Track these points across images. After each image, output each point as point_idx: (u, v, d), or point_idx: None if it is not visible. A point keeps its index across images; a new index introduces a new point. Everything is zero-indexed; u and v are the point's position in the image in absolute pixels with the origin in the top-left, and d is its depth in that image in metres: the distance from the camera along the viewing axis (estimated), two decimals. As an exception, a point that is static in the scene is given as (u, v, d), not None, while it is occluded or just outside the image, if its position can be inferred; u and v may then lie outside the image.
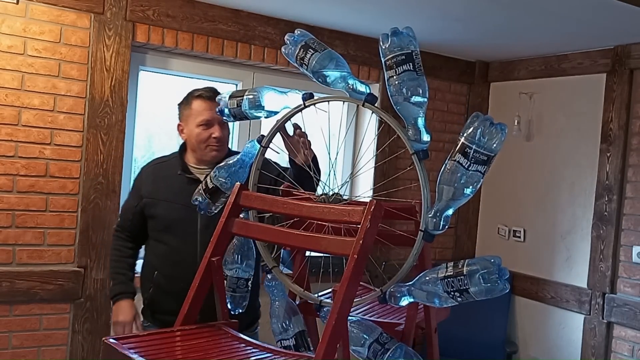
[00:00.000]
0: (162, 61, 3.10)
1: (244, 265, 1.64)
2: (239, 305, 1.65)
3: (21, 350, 2.70)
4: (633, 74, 3.23)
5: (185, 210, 2.09)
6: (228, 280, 1.62)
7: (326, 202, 1.47)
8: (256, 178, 1.63)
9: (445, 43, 3.57)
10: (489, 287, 1.22)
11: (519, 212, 3.80)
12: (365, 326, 1.38)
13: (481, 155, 1.25)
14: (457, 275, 1.25)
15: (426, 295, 1.30)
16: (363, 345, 1.36)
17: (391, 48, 1.33)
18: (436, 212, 1.31)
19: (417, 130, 1.35)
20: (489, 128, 1.25)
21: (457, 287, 1.24)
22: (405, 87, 1.32)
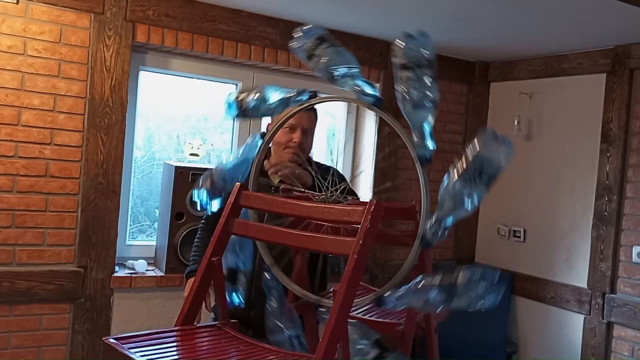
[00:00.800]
0: (162, 61, 3.10)
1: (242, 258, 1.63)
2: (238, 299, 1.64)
3: (21, 350, 2.70)
4: (633, 74, 3.23)
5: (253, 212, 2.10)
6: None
7: (326, 202, 1.47)
8: (257, 173, 1.63)
9: (445, 43, 3.57)
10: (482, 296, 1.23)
11: (519, 212, 3.80)
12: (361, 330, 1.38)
13: (489, 172, 1.25)
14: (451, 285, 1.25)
15: (419, 302, 1.30)
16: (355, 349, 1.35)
17: (411, 50, 1.32)
18: (436, 221, 1.31)
19: (422, 135, 1.34)
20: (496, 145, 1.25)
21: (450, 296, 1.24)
22: (417, 92, 1.31)
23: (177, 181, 2.91)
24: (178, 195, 2.92)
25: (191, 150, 3.30)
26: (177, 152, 3.40)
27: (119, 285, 2.88)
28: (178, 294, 2.95)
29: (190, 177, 2.93)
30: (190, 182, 2.93)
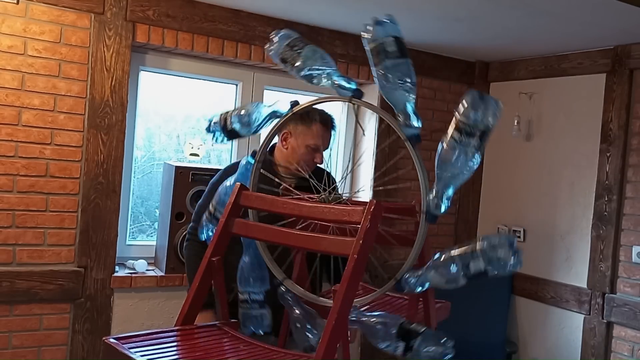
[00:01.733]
0: (162, 61, 3.10)
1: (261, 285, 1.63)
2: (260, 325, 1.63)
3: (21, 350, 2.70)
4: (633, 74, 3.23)
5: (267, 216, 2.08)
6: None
7: (326, 202, 1.47)
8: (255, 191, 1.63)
9: (445, 43, 3.57)
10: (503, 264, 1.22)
11: (519, 212, 3.80)
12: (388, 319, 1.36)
13: (476, 130, 1.25)
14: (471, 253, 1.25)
15: (441, 277, 1.29)
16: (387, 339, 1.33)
17: (375, 35, 1.34)
18: (437, 192, 1.31)
19: (407, 115, 1.35)
20: (482, 102, 1.26)
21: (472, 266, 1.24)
22: (391, 74, 1.32)
23: (177, 181, 2.91)
24: (178, 195, 2.92)
25: (191, 150, 3.30)
26: (177, 152, 3.40)
27: (119, 285, 2.88)
28: (178, 294, 2.96)
29: (190, 177, 2.93)
30: (190, 182, 2.93)
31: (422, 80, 3.72)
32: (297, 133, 2.32)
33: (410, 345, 1.29)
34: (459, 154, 1.26)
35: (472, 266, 1.25)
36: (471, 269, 1.25)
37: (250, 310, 1.60)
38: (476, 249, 1.25)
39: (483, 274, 1.25)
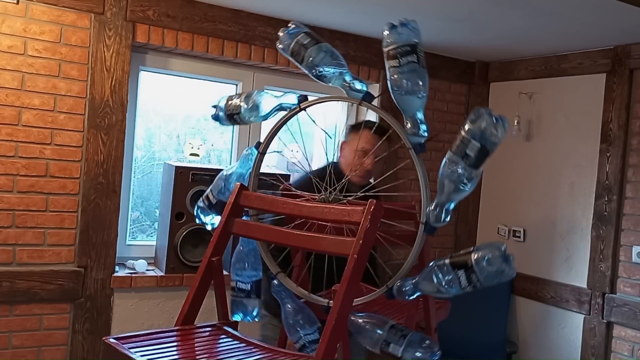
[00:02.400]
0: (162, 61, 3.10)
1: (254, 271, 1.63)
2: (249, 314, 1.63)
3: (21, 350, 2.70)
4: (633, 74, 3.23)
5: None
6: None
7: (326, 202, 1.47)
8: (255, 184, 1.63)
9: (445, 43, 3.57)
10: (497, 273, 1.22)
11: (519, 212, 3.80)
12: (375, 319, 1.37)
13: (483, 149, 1.25)
14: (464, 263, 1.25)
15: (433, 286, 1.29)
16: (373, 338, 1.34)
17: (396, 38, 1.32)
18: (437, 205, 1.31)
19: (415, 123, 1.35)
20: (491, 122, 1.25)
21: (466, 276, 1.24)
22: (407, 80, 1.31)
23: (177, 181, 2.91)
24: (178, 195, 2.92)
25: (191, 150, 3.30)
26: (177, 152, 3.40)
27: (119, 285, 2.88)
28: (178, 294, 2.96)
29: (190, 177, 2.93)
30: (190, 182, 2.93)
31: (422, 80, 3.72)
32: (348, 141, 2.44)
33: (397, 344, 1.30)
34: (462, 171, 1.26)
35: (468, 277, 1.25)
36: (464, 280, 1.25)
37: (239, 298, 1.60)
38: (471, 259, 1.25)
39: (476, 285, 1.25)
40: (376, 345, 1.34)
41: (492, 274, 1.23)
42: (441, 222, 1.32)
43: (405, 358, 1.29)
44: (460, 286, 1.25)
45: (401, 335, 1.32)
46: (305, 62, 1.45)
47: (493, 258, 1.22)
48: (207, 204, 1.67)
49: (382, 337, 1.32)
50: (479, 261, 1.23)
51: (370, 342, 1.35)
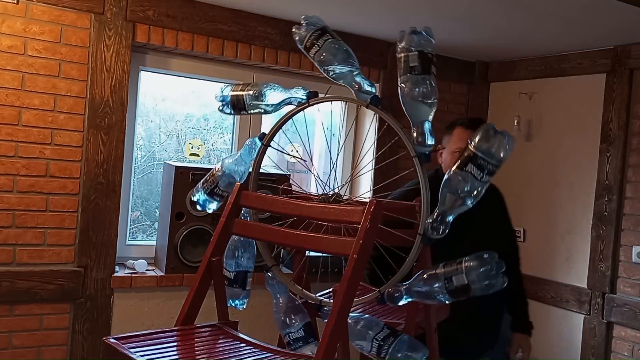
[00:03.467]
0: (162, 61, 3.10)
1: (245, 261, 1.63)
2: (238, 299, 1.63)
3: (21, 350, 2.70)
4: (633, 74, 3.23)
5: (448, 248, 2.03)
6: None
7: (326, 202, 1.47)
8: (255, 184, 1.63)
9: (444, 43, 3.57)
10: (488, 284, 1.23)
11: (519, 212, 3.79)
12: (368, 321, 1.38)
13: (493, 166, 1.26)
14: (456, 273, 1.25)
15: (424, 294, 1.30)
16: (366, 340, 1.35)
17: (406, 46, 1.32)
18: (437, 216, 1.31)
19: (422, 133, 1.34)
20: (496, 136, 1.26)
21: (456, 285, 1.24)
22: (417, 88, 1.31)
23: (177, 181, 2.91)
24: (178, 195, 2.92)
25: (191, 150, 3.30)
26: (177, 152, 3.40)
27: (119, 285, 2.88)
28: (178, 294, 2.96)
29: (191, 177, 2.93)
30: (190, 182, 2.93)
31: (422, 80, 3.72)
32: (445, 144, 2.36)
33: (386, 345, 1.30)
34: (465, 186, 1.27)
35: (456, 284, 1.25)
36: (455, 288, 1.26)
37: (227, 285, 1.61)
38: (462, 268, 1.25)
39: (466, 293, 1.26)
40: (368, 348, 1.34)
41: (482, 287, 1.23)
42: (439, 234, 1.32)
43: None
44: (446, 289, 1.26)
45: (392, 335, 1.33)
46: (317, 57, 1.44)
47: (484, 272, 1.23)
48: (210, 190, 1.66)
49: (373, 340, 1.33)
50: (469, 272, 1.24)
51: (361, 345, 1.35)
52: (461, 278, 1.24)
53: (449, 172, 1.30)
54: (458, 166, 1.28)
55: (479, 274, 1.23)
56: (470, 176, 1.27)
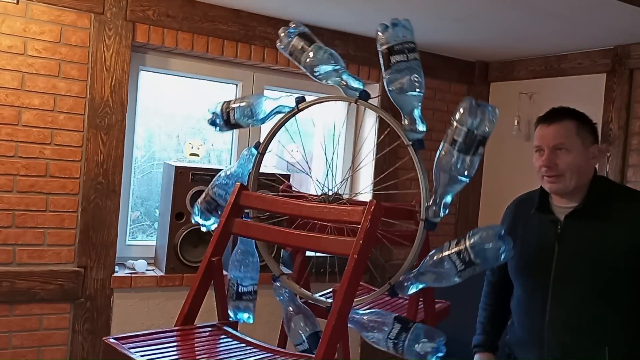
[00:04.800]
0: (162, 61, 3.10)
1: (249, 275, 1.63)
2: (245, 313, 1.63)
3: (21, 350, 2.70)
4: (633, 74, 3.23)
5: (538, 255, 1.88)
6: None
7: (326, 202, 1.47)
8: (255, 186, 1.63)
9: (445, 43, 3.57)
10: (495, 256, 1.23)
11: (519, 212, 3.79)
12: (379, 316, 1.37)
13: (474, 137, 1.26)
14: (462, 251, 1.25)
15: (434, 277, 1.30)
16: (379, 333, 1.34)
17: (389, 37, 1.34)
18: (435, 199, 1.32)
19: (412, 120, 1.36)
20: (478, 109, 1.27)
21: (464, 262, 1.24)
22: (403, 78, 1.32)
23: (177, 181, 2.91)
24: (178, 195, 2.92)
25: (191, 150, 3.30)
26: (177, 152, 3.40)
27: (119, 285, 2.88)
28: (178, 294, 2.95)
29: (191, 177, 2.93)
30: (190, 182, 2.93)
31: (422, 80, 3.72)
32: None
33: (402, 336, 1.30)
34: (456, 161, 1.27)
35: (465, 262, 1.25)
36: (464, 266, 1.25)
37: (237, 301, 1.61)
38: (467, 245, 1.25)
39: (476, 269, 1.25)
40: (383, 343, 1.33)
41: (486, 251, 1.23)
42: (440, 216, 1.33)
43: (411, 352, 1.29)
44: (457, 269, 1.26)
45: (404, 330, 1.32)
46: (303, 61, 1.47)
47: (487, 236, 1.23)
48: (207, 207, 1.67)
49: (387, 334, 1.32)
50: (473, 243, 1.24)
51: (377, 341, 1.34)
52: (468, 256, 1.24)
53: (439, 151, 1.31)
54: (444, 142, 1.29)
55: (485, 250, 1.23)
56: (457, 153, 1.27)
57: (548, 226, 1.87)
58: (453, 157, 1.27)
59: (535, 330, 1.85)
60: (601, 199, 1.83)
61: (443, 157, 1.29)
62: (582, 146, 1.85)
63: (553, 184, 1.88)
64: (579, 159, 1.84)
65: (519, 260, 1.92)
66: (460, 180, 1.29)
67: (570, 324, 1.78)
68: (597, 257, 1.76)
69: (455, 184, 1.29)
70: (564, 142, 1.86)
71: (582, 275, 1.77)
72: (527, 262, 1.91)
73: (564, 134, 1.87)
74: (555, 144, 1.87)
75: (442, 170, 1.29)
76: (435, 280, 1.30)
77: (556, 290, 1.82)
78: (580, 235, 1.81)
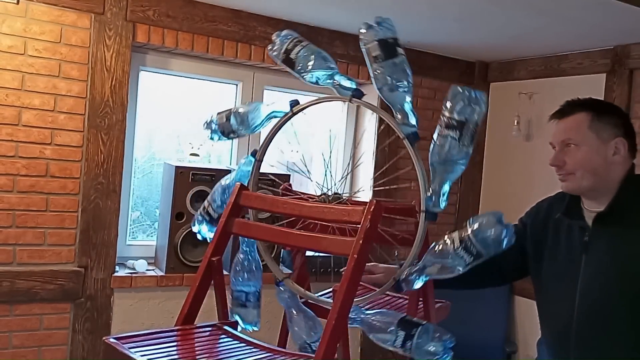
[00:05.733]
0: (163, 61, 3.10)
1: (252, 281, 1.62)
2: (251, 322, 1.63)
3: (21, 350, 2.70)
4: (633, 74, 3.23)
5: (565, 265, 1.75)
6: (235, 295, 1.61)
7: (326, 202, 1.47)
8: (255, 190, 1.63)
9: (444, 43, 3.57)
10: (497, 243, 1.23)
11: (519, 212, 3.78)
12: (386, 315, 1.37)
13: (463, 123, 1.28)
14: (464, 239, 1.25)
15: (439, 268, 1.29)
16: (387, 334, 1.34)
17: (371, 36, 1.36)
18: (433, 189, 1.32)
19: (404, 114, 1.37)
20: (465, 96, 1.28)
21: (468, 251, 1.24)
22: (388, 75, 1.33)
23: (177, 181, 2.91)
24: (178, 195, 2.92)
25: (191, 150, 3.30)
26: (177, 152, 3.41)
27: (119, 285, 2.88)
28: (178, 294, 2.96)
29: (190, 177, 2.94)
30: (190, 182, 2.93)
31: (422, 80, 3.73)
32: None
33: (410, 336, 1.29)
34: (449, 149, 1.28)
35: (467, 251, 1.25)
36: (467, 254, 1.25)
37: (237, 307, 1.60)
38: (468, 233, 1.25)
39: (480, 256, 1.25)
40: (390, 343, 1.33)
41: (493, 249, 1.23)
42: (439, 206, 1.33)
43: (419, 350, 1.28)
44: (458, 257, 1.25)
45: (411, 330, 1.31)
46: (295, 67, 1.48)
47: (487, 222, 1.23)
48: (207, 218, 1.67)
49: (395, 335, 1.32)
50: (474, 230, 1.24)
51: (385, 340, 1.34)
52: (471, 244, 1.23)
53: (432, 142, 1.31)
54: (437, 132, 1.30)
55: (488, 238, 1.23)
56: (450, 140, 1.28)
57: (576, 233, 1.74)
58: (445, 145, 1.28)
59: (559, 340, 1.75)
60: (634, 200, 1.66)
61: (436, 146, 1.30)
62: (598, 140, 1.69)
63: (564, 183, 1.75)
64: (593, 155, 1.68)
65: (543, 266, 1.82)
66: (457, 166, 1.29)
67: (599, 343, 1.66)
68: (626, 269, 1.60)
69: (452, 172, 1.30)
70: (572, 137, 1.71)
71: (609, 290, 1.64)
72: (553, 271, 1.78)
73: (573, 128, 1.72)
74: (564, 139, 1.73)
75: (438, 158, 1.30)
76: (440, 271, 1.30)
77: (583, 301, 1.69)
78: (610, 244, 1.66)
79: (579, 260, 1.70)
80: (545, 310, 1.88)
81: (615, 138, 1.70)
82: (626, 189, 1.67)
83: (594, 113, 1.73)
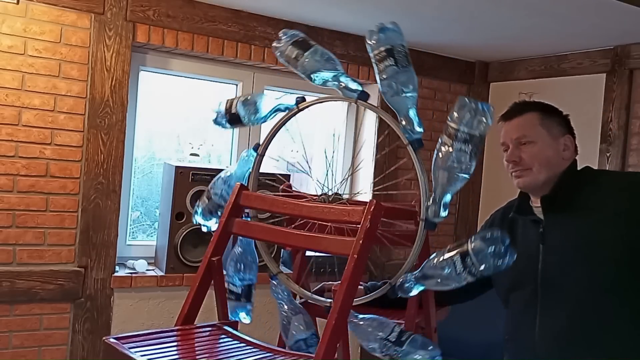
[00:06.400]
0: (163, 61, 3.10)
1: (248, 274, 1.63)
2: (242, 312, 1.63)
3: (21, 350, 2.70)
4: (633, 74, 3.23)
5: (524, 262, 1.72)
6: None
7: (326, 202, 1.47)
8: (255, 186, 1.63)
9: (444, 43, 3.57)
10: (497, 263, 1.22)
11: (519, 212, 3.80)
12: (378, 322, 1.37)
13: (469, 136, 1.27)
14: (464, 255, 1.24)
15: (435, 280, 1.29)
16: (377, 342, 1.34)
17: (376, 43, 1.35)
18: (434, 199, 1.32)
19: (409, 121, 1.36)
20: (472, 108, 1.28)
21: (466, 267, 1.24)
22: (395, 82, 1.33)
23: (177, 181, 2.91)
24: (178, 195, 2.92)
25: (191, 150, 3.30)
26: (177, 152, 3.41)
27: (119, 285, 2.88)
28: (178, 294, 2.96)
29: (191, 177, 2.94)
30: (190, 182, 2.93)
31: (422, 80, 3.73)
32: None
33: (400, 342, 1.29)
34: (454, 161, 1.27)
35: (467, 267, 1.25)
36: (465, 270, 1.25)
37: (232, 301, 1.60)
38: (469, 249, 1.25)
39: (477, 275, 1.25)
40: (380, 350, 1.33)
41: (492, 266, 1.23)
42: (439, 216, 1.32)
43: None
44: (457, 272, 1.25)
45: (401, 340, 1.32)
46: (300, 67, 1.48)
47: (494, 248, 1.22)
48: (207, 208, 1.67)
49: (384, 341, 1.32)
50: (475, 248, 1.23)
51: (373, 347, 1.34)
52: (471, 261, 1.23)
53: (436, 150, 1.30)
54: (443, 141, 1.29)
55: (487, 255, 1.23)
56: (454, 152, 1.27)
57: (530, 229, 1.77)
58: (451, 155, 1.27)
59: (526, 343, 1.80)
60: (577, 184, 1.73)
61: (441, 156, 1.29)
62: (549, 137, 1.80)
63: (520, 179, 1.81)
64: (547, 150, 1.77)
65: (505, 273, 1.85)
66: (460, 178, 1.29)
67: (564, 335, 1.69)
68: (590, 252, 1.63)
69: (455, 183, 1.29)
70: (527, 134, 1.80)
71: (576, 276, 1.66)
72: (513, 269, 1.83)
73: (526, 126, 1.82)
74: (518, 136, 1.81)
75: (441, 168, 1.29)
76: (437, 284, 1.30)
77: (545, 298, 1.71)
78: (564, 229, 1.70)
79: (537, 251, 1.73)
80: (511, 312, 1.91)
81: (564, 135, 1.82)
82: (569, 174, 1.76)
83: (541, 112, 1.86)
